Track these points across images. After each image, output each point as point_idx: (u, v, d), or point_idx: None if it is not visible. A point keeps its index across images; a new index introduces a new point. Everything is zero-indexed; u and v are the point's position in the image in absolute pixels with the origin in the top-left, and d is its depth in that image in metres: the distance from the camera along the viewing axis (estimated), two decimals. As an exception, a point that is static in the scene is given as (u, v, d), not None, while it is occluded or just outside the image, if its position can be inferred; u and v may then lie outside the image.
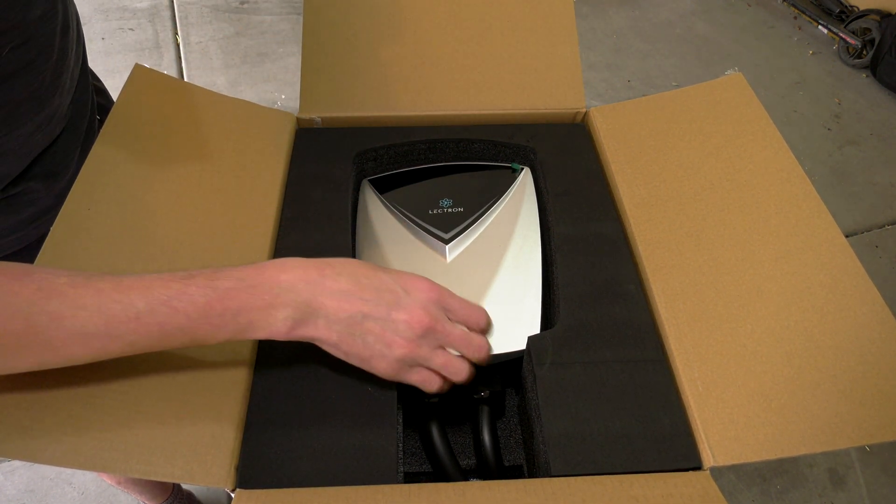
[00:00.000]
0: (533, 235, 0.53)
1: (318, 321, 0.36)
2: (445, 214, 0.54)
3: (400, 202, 0.56)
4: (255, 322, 0.35)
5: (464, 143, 0.60)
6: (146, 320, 0.33)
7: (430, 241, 0.52)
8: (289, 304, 0.35)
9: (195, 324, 0.34)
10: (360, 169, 0.59)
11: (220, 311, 0.34)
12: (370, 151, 0.58)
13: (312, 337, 0.37)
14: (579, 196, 0.54)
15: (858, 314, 0.43)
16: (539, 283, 0.50)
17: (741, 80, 0.59)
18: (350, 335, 0.37)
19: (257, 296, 0.35)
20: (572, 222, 0.52)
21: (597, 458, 0.39)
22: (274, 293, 0.35)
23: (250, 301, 0.35)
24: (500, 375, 0.48)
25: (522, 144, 0.59)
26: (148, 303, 0.33)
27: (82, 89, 0.59)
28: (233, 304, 0.34)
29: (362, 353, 0.37)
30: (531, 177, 0.58)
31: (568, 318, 0.46)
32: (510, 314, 0.48)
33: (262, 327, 0.35)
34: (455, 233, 0.53)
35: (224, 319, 0.34)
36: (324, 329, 0.36)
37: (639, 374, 0.43)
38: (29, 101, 0.49)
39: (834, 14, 2.16)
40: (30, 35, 0.47)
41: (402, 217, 0.54)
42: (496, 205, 0.55)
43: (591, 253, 0.50)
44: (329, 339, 0.37)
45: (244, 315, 0.34)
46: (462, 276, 0.50)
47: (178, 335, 0.34)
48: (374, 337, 0.37)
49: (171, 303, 0.33)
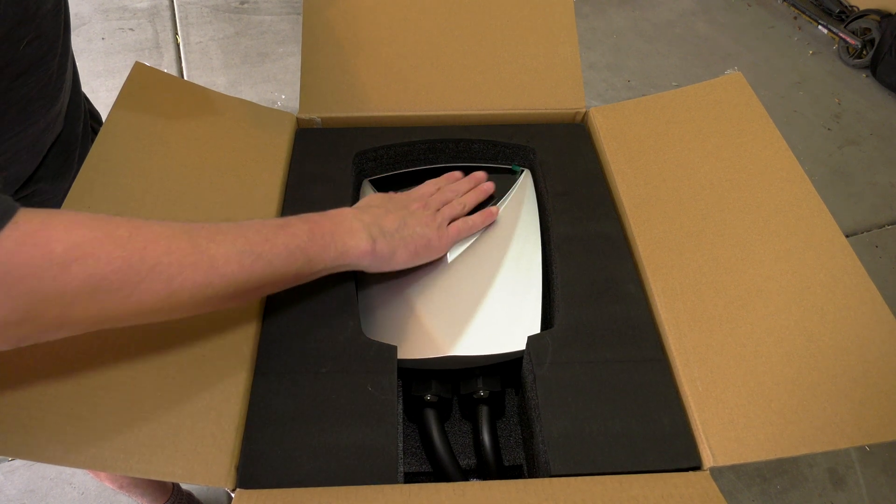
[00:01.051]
0: (533, 236, 0.53)
1: (382, 237, 0.44)
2: None
3: None
4: (347, 243, 0.42)
5: (464, 144, 0.60)
6: (275, 241, 0.38)
7: None
8: (362, 227, 0.43)
9: (308, 244, 0.39)
10: (360, 169, 0.59)
11: (321, 233, 0.41)
12: (370, 151, 0.58)
13: (387, 249, 0.44)
14: (579, 196, 0.54)
15: (858, 314, 0.43)
16: (539, 284, 0.50)
17: (741, 80, 0.59)
18: (401, 238, 0.46)
19: (339, 223, 0.43)
20: (572, 222, 0.52)
21: (596, 458, 0.39)
22: (349, 221, 0.43)
23: (337, 228, 0.42)
24: (500, 375, 0.48)
25: (522, 145, 0.59)
26: (269, 231, 0.38)
27: (76, 90, 0.59)
28: (327, 227, 0.41)
29: (413, 243, 0.46)
30: (531, 178, 0.58)
31: (568, 318, 0.46)
32: (510, 314, 0.48)
33: (353, 246, 0.42)
34: None
35: (325, 240, 0.41)
36: (386, 243, 0.44)
37: (639, 373, 0.43)
38: (40, 98, 0.49)
39: (834, 14, 2.16)
40: (42, 30, 0.47)
41: None
42: (496, 205, 0.55)
43: (590, 253, 0.50)
44: (395, 248, 0.45)
45: (338, 237, 0.41)
46: (462, 276, 0.50)
47: (299, 255, 0.39)
48: (413, 227, 0.47)
49: (288, 228, 0.39)
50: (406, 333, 0.47)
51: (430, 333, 0.47)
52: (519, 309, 0.48)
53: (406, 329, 0.47)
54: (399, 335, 0.47)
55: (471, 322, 0.47)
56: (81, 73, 0.62)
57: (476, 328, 0.47)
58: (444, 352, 0.46)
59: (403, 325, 0.47)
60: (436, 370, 0.46)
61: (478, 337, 0.46)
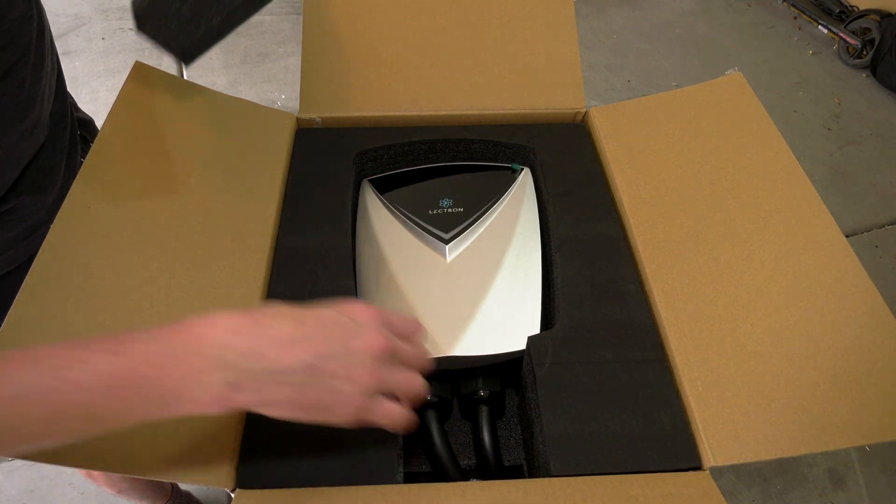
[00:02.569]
0: (533, 236, 0.53)
1: (263, 380, 0.29)
2: (445, 214, 0.54)
3: (400, 202, 0.56)
4: (180, 393, 0.28)
5: (464, 144, 0.59)
6: (32, 398, 0.26)
7: (430, 242, 0.52)
8: (222, 365, 0.28)
9: (99, 400, 0.27)
10: (360, 169, 0.58)
11: (133, 381, 0.27)
12: (370, 151, 0.58)
13: (257, 402, 0.29)
14: (579, 196, 0.54)
15: (859, 314, 0.43)
16: (539, 284, 0.50)
17: (741, 80, 0.59)
18: (308, 385, 0.30)
19: (180, 359, 0.28)
20: (573, 223, 0.52)
21: (597, 458, 0.39)
22: (201, 354, 0.28)
23: (171, 366, 0.27)
24: (500, 376, 0.48)
25: (522, 144, 0.59)
26: (34, 378, 0.26)
27: (60, 100, 0.58)
28: (149, 371, 0.27)
29: (323, 400, 0.31)
30: (531, 177, 0.58)
31: (568, 318, 0.46)
32: (510, 315, 0.48)
33: (190, 399, 0.28)
34: (455, 233, 0.53)
35: (138, 391, 0.27)
36: (272, 387, 0.29)
37: (639, 374, 0.43)
38: (12, 107, 0.49)
39: (834, 14, 2.16)
40: (11, 36, 0.46)
41: (402, 217, 0.54)
42: (496, 205, 0.55)
43: (591, 253, 0.50)
44: (278, 398, 0.30)
45: (165, 384, 0.27)
46: (462, 276, 0.50)
47: (77, 418, 0.27)
48: (336, 378, 0.31)
49: (64, 374, 0.26)
50: None
51: (429, 334, 0.47)
52: (519, 309, 0.48)
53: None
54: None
55: (471, 322, 0.47)
56: (82, 72, 0.61)
57: (476, 328, 0.47)
58: (444, 352, 0.46)
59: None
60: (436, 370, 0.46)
61: (478, 337, 0.46)
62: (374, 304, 0.48)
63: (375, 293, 0.49)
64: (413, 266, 0.51)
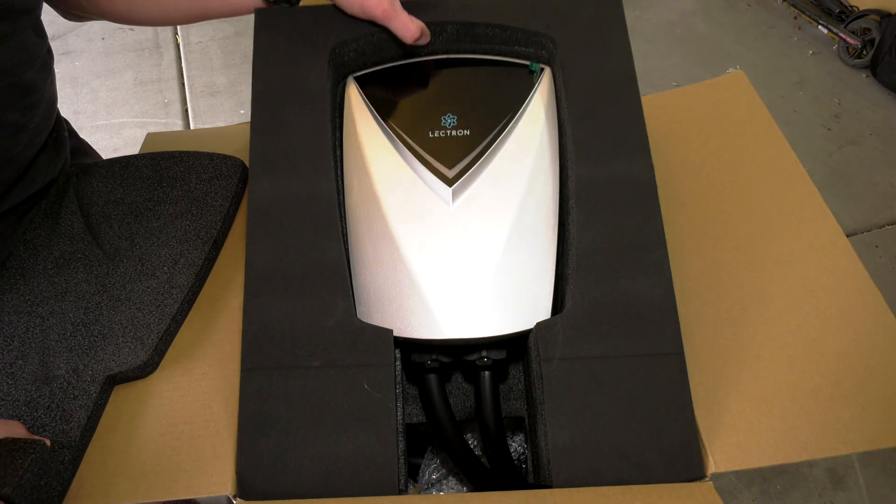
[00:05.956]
0: (551, 171, 0.46)
1: None
2: (449, 139, 0.47)
3: (395, 119, 0.48)
4: None
5: (466, 28, 0.49)
6: None
7: (431, 182, 0.45)
8: None
9: None
10: (338, 64, 0.49)
11: None
12: (350, 42, 0.48)
13: None
14: (606, 118, 0.46)
15: (861, 318, 0.43)
16: (554, 243, 0.44)
17: (742, 79, 0.58)
18: None
19: None
20: (595, 159, 0.44)
21: (601, 472, 0.38)
22: None
23: None
24: (506, 347, 0.45)
25: (540, 31, 0.48)
26: None
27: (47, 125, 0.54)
28: None
29: None
30: (552, 83, 0.49)
31: (581, 297, 0.41)
32: (521, 286, 0.43)
33: None
34: (460, 170, 0.45)
35: None
36: None
37: (654, 371, 0.39)
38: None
39: (834, 14, 2.16)
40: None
41: (398, 143, 0.47)
42: (509, 126, 0.47)
43: (614, 203, 0.43)
44: None
45: None
46: (467, 231, 0.44)
47: None
48: None
49: None
50: (404, 312, 0.42)
51: (430, 311, 0.42)
52: (532, 279, 0.43)
53: (404, 307, 0.42)
54: (397, 314, 0.42)
55: (476, 300, 0.42)
56: (82, 72, 0.60)
57: (482, 305, 0.42)
58: (446, 334, 0.41)
59: (402, 303, 0.42)
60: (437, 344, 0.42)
61: (483, 317, 0.42)
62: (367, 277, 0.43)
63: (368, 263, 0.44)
64: (415, 216, 0.44)
